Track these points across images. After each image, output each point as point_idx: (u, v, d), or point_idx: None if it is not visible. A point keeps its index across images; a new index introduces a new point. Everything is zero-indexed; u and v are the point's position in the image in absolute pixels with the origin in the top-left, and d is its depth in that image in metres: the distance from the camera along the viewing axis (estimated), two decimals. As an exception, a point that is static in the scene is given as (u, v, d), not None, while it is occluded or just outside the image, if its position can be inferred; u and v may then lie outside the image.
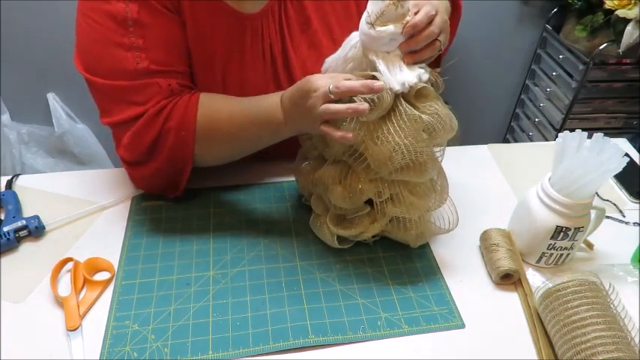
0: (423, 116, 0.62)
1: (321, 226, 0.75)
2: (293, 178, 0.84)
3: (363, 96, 0.61)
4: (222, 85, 0.78)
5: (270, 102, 0.70)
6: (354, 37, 0.64)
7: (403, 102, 0.63)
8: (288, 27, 0.80)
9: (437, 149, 0.69)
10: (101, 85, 0.70)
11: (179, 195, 0.82)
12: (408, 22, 0.60)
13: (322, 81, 0.63)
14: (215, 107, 0.73)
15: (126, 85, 0.70)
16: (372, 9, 0.60)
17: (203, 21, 0.74)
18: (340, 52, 0.67)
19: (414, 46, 0.62)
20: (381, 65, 0.62)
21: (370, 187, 0.68)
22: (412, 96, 0.63)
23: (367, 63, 0.65)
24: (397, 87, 0.61)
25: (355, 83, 0.60)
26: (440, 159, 0.69)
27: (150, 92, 0.70)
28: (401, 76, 0.61)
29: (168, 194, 0.83)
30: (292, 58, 0.81)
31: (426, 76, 0.63)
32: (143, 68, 0.69)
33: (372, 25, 0.60)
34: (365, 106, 0.59)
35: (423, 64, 0.64)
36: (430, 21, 0.62)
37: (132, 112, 0.70)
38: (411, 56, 0.63)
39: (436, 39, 0.63)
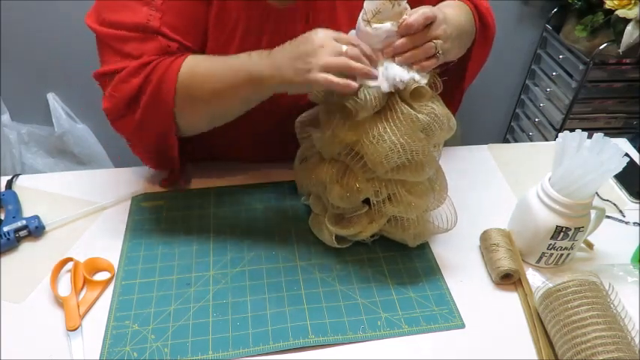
0: (420, 115, 0.62)
1: (320, 225, 0.75)
2: (293, 179, 0.84)
3: (344, 99, 0.61)
4: None
5: (257, 57, 0.68)
6: (352, 35, 0.64)
7: (399, 101, 0.63)
8: (316, 25, 0.79)
9: (434, 149, 0.69)
10: (105, 35, 0.71)
11: (176, 168, 0.82)
12: (404, 21, 0.60)
13: (327, 33, 0.62)
14: (199, 64, 0.72)
15: (128, 36, 0.70)
16: (368, 7, 0.60)
17: (229, 3, 0.73)
18: None
19: (406, 46, 0.62)
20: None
21: (368, 186, 0.68)
22: (407, 95, 0.63)
23: None
24: (386, 85, 0.61)
25: (359, 66, 0.61)
26: (437, 158, 0.69)
27: (147, 48, 0.71)
28: (392, 72, 0.61)
29: (162, 166, 0.82)
30: None
31: (420, 77, 0.62)
32: (152, 27, 0.70)
33: (368, 22, 0.60)
34: (373, 73, 0.61)
35: (418, 70, 0.63)
36: (427, 23, 0.62)
37: (124, 64, 0.71)
38: (403, 55, 0.62)
39: (431, 41, 0.62)
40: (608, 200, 0.87)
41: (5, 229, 0.75)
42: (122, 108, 0.73)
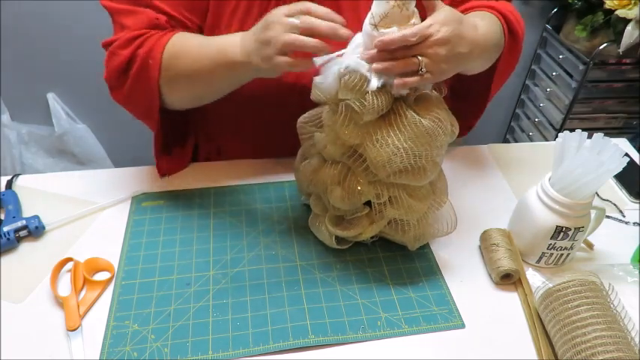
0: (424, 121, 0.62)
1: (320, 226, 0.75)
2: (293, 178, 0.84)
3: (351, 100, 0.61)
4: None
5: (233, 38, 0.69)
6: (358, 38, 0.64)
7: (404, 105, 0.62)
8: None
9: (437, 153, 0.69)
10: (109, 8, 0.75)
11: (157, 130, 0.82)
12: (384, 37, 0.58)
13: (283, 10, 0.62)
14: (184, 41, 0.73)
15: (122, 9, 0.74)
16: (376, 10, 0.59)
17: (227, 3, 0.75)
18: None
19: (382, 56, 0.58)
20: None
21: (369, 189, 0.68)
22: (412, 100, 0.63)
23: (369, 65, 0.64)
24: (375, 82, 0.59)
25: (322, 24, 0.60)
26: (439, 163, 0.69)
27: (138, 20, 0.73)
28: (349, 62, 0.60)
29: (150, 127, 0.83)
30: None
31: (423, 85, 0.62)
32: (145, 1, 0.73)
33: (375, 26, 0.59)
34: (346, 32, 0.60)
35: (398, 85, 0.61)
36: (406, 45, 0.58)
37: (118, 37, 0.73)
38: (382, 65, 0.58)
39: (415, 56, 0.58)
40: (608, 200, 0.87)
41: (5, 229, 0.75)
42: (114, 79, 0.75)
